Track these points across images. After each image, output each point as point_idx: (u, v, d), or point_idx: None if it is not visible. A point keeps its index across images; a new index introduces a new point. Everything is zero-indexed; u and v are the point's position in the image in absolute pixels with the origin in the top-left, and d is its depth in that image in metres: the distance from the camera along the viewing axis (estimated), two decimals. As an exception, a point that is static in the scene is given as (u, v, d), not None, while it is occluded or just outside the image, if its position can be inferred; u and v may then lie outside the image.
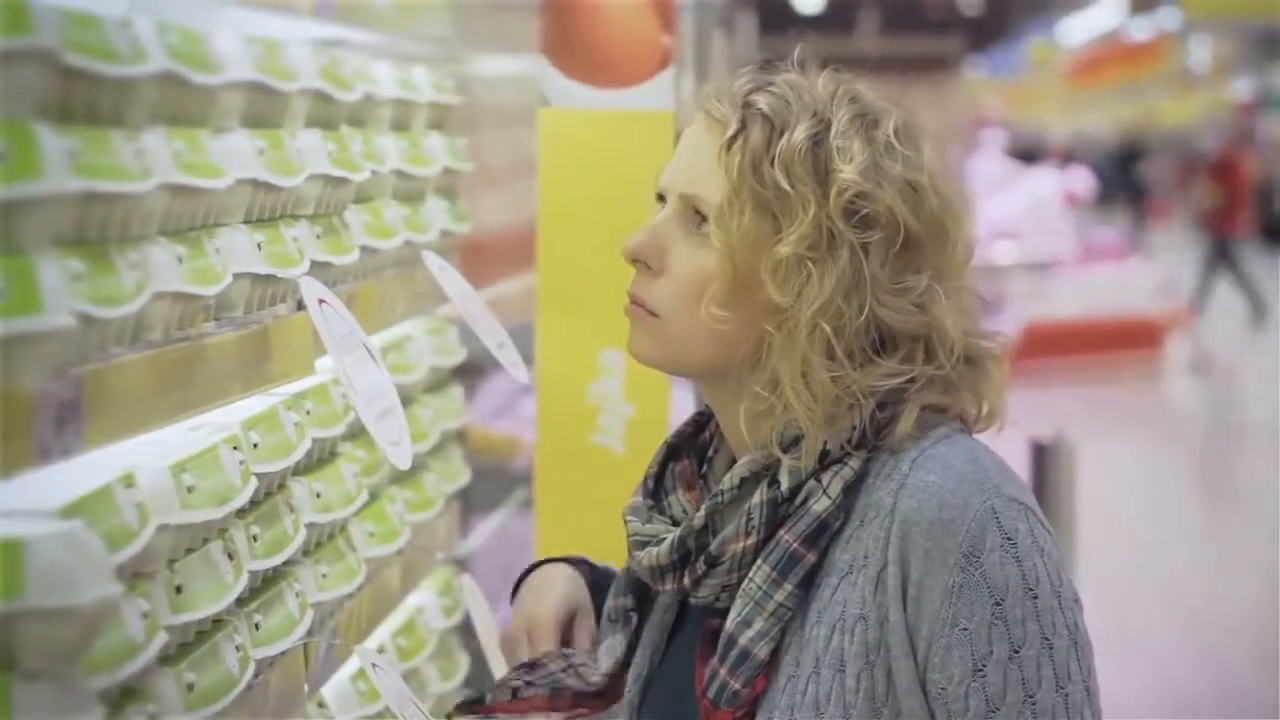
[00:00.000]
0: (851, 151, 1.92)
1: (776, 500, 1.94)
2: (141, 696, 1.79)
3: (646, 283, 1.99)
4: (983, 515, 1.88)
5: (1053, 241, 16.77)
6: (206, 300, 1.95)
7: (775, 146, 1.92)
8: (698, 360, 1.98)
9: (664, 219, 1.98)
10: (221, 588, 1.98)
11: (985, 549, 1.87)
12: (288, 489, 2.29)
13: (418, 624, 2.99)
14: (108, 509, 1.73)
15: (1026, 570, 1.88)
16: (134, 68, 1.76)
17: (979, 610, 1.87)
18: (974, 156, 19.96)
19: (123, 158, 1.73)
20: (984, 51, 31.97)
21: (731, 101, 1.96)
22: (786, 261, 1.90)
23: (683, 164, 1.99)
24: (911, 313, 1.93)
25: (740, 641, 1.93)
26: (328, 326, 1.97)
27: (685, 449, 2.10)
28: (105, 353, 1.74)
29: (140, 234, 1.82)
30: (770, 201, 1.91)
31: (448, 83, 3.15)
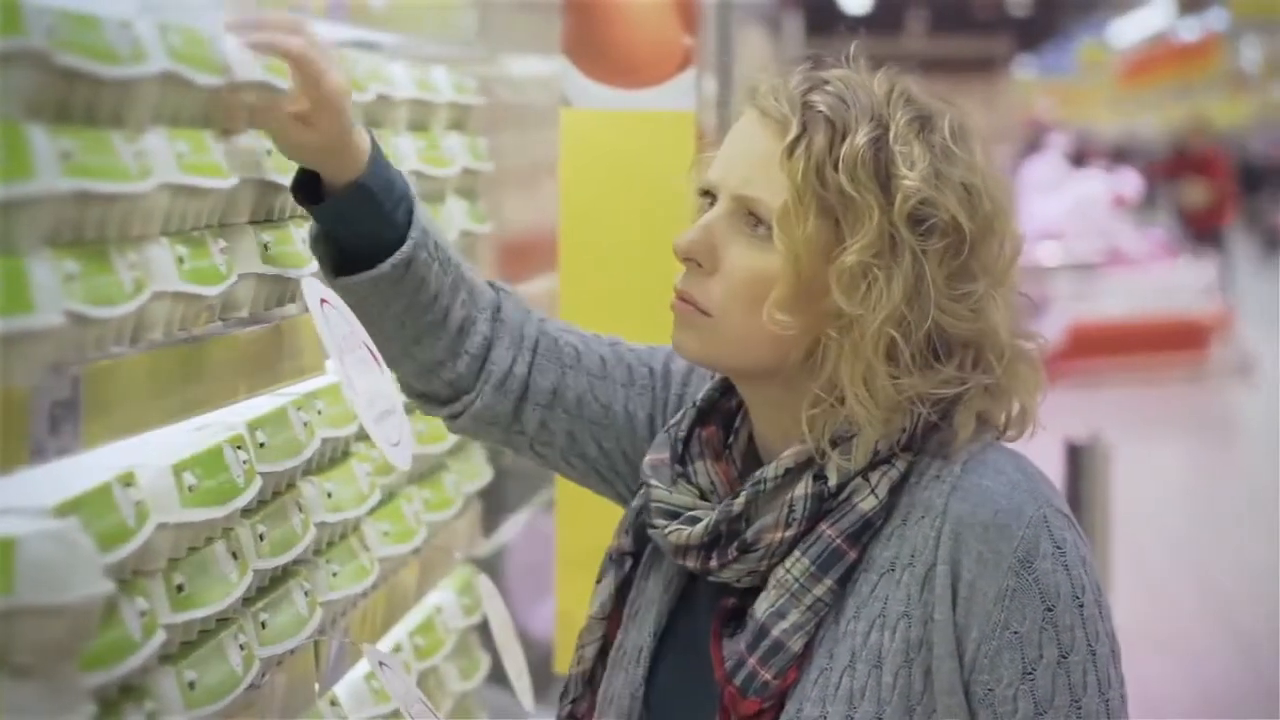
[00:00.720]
0: (913, 157, 1.92)
1: (822, 495, 1.95)
2: (140, 694, 1.80)
3: (697, 281, 1.98)
4: (1036, 523, 1.91)
5: (1098, 242, 16.72)
6: (210, 300, 1.95)
7: (838, 151, 1.91)
8: (747, 360, 1.98)
9: (716, 217, 1.97)
10: (225, 587, 1.98)
11: (1038, 556, 1.90)
12: (297, 488, 2.30)
13: (436, 623, 3.00)
14: (105, 508, 1.74)
15: (1074, 578, 1.91)
16: (133, 69, 1.77)
17: (1030, 614, 1.90)
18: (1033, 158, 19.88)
19: (121, 158, 1.74)
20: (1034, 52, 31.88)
21: (790, 101, 1.95)
22: (853, 269, 1.90)
23: (736, 162, 1.98)
24: (968, 319, 1.94)
25: (773, 633, 1.94)
26: (328, 327, 1.97)
27: (712, 414, 2.10)
28: (104, 352, 1.75)
29: (141, 234, 1.83)
30: (834, 207, 1.91)
31: (469, 83, 3.16)
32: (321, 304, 1.98)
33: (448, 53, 3.27)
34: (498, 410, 2.18)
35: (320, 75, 2.05)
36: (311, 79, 2.05)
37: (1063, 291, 16.30)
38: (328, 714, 2.47)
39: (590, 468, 2.22)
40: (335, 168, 2.09)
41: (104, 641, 1.70)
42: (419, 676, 2.87)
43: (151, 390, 1.87)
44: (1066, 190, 17.59)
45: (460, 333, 2.16)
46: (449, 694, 3.04)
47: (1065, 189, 17.70)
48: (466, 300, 2.17)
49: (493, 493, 3.45)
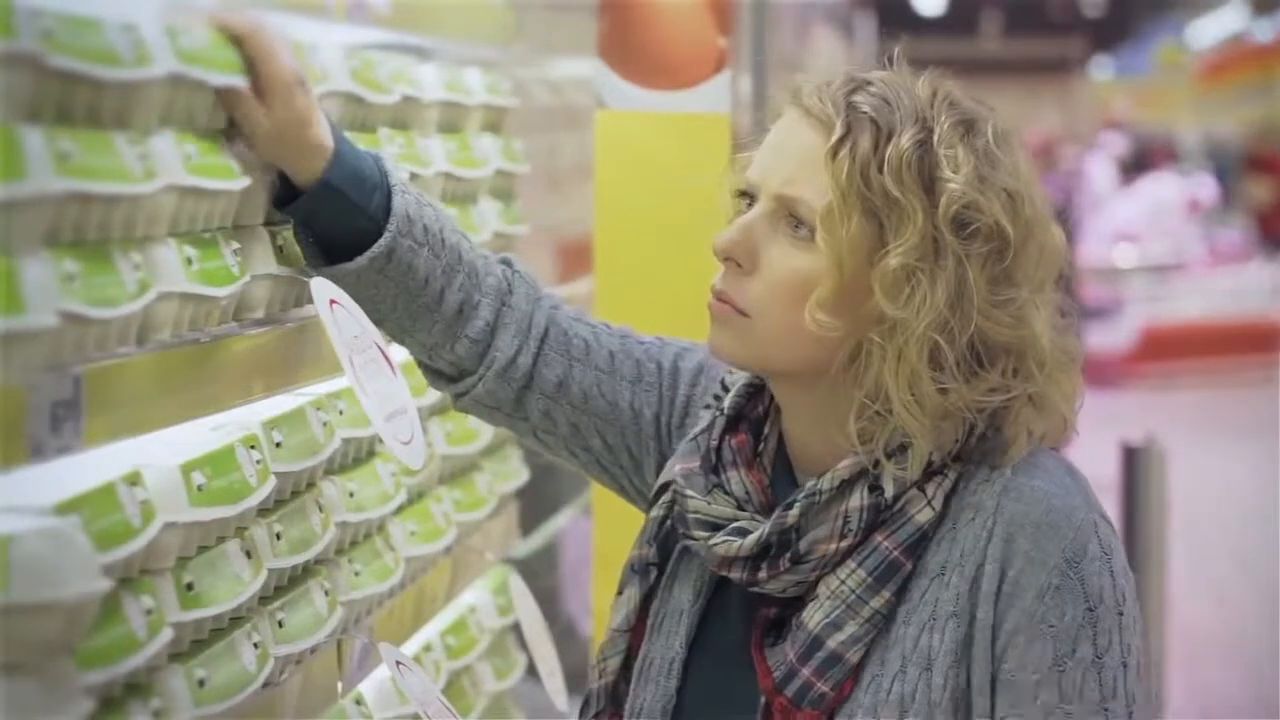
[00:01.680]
0: (957, 160, 1.91)
1: (879, 506, 1.94)
2: (146, 692, 1.81)
3: (736, 281, 1.97)
4: (1087, 525, 1.92)
5: (1173, 245, 16.64)
6: (221, 301, 1.97)
7: (883, 152, 1.91)
8: (785, 361, 1.98)
9: (756, 218, 1.97)
10: (237, 585, 2.00)
11: (1086, 558, 1.91)
12: (318, 488, 2.31)
13: (469, 623, 3.01)
14: (108, 506, 1.75)
15: (1118, 586, 1.92)
16: (136, 71, 1.78)
17: (1071, 611, 1.90)
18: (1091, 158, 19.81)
19: (124, 160, 1.75)
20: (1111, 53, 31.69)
21: (834, 102, 1.95)
22: (896, 271, 1.89)
23: (777, 163, 1.98)
24: (1010, 325, 1.93)
25: (829, 645, 1.93)
26: (337, 328, 1.98)
27: (740, 422, 2.09)
28: (108, 352, 1.76)
29: (147, 235, 1.84)
30: (879, 209, 1.91)
31: (504, 85, 3.16)
32: (331, 305, 1.99)
33: (486, 55, 3.28)
34: (500, 396, 2.19)
35: (268, 55, 2.03)
36: (259, 57, 2.03)
37: (1136, 294, 16.23)
38: (353, 713, 2.48)
39: (593, 459, 2.23)
40: (296, 164, 2.09)
41: (105, 639, 1.71)
42: (450, 676, 2.88)
43: (159, 390, 1.88)
44: (1141, 192, 17.51)
45: (459, 315, 2.17)
46: (484, 694, 3.05)
47: (1140, 190, 17.61)
48: (465, 283, 2.17)
49: (534, 493, 3.45)
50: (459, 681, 2.97)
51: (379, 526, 2.53)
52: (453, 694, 2.92)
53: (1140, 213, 17.02)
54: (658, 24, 3.27)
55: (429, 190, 2.78)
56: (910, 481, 1.94)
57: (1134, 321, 15.78)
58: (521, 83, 3.76)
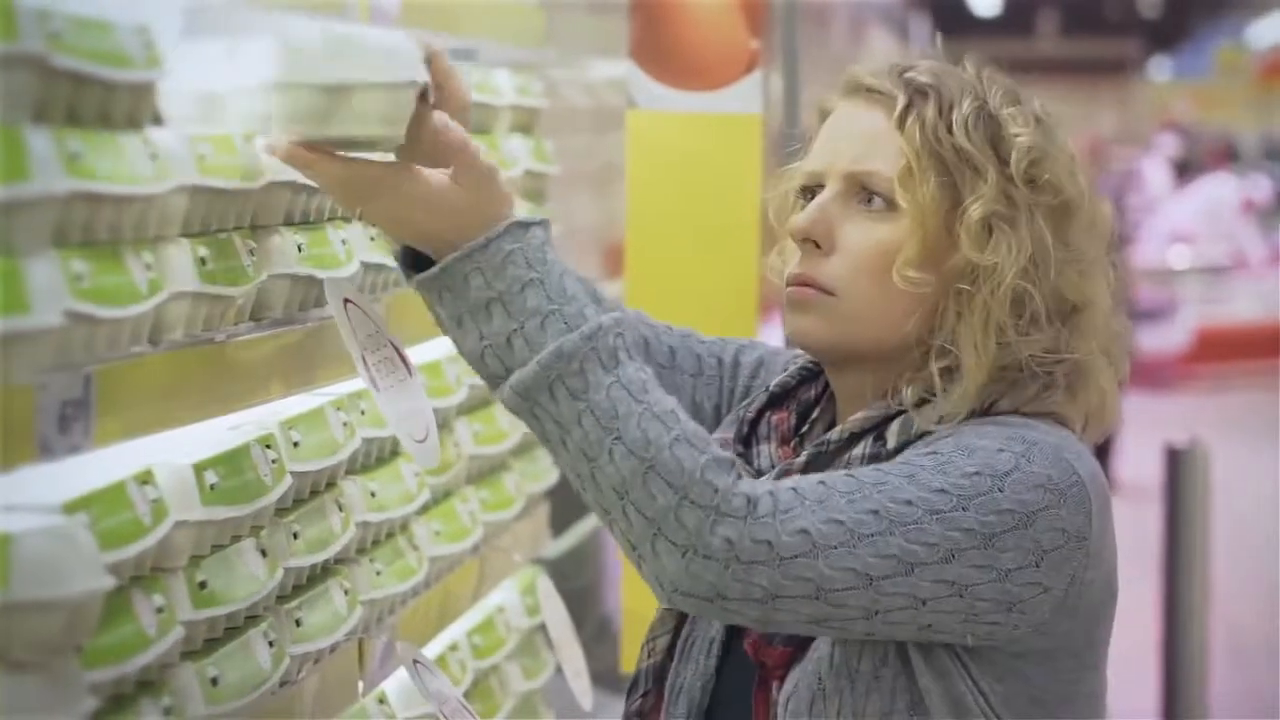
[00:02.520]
0: (1019, 119, 1.97)
1: (880, 455, 1.95)
2: (158, 690, 1.82)
3: (815, 262, 1.99)
4: (1018, 437, 1.90)
5: (1228, 246, 16.56)
6: (236, 301, 1.98)
7: (948, 117, 1.96)
8: (869, 337, 1.99)
9: (829, 198, 1.99)
10: (252, 584, 2.01)
11: (988, 435, 1.89)
12: (338, 487, 2.32)
13: (496, 623, 3.01)
14: (118, 505, 1.76)
15: (1017, 480, 1.86)
16: (147, 73, 1.79)
17: (943, 444, 1.89)
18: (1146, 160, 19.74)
19: (135, 160, 1.77)
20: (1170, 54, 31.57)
21: (890, 80, 2.00)
22: (980, 222, 1.93)
23: (843, 145, 2.01)
24: (1077, 281, 1.97)
25: None
26: (351, 326, 1.99)
27: (786, 400, 2.11)
28: (119, 352, 1.77)
29: (159, 235, 1.85)
30: (952, 168, 1.95)
31: (534, 86, 3.17)
32: (345, 304, 2.00)
33: (519, 57, 3.29)
34: None
35: (450, 74, 1.98)
36: (444, 73, 1.97)
37: (1191, 295, 16.16)
38: (375, 712, 2.48)
39: None
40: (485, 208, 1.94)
41: (114, 637, 1.72)
42: (477, 675, 2.89)
43: (172, 390, 1.90)
44: (1197, 192, 17.43)
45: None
46: (512, 694, 3.05)
47: (1195, 190, 17.53)
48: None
49: (566, 494, 3.45)
50: (486, 681, 2.97)
51: (402, 526, 2.53)
52: (480, 694, 2.93)
53: (1195, 213, 16.93)
54: (689, 24, 3.27)
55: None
56: (915, 434, 1.95)
57: (1188, 323, 15.71)
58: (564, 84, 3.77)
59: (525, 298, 1.80)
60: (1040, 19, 24.25)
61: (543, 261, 1.82)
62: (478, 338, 1.83)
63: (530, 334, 1.79)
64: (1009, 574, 1.85)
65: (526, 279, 1.81)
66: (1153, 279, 16.11)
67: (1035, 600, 1.88)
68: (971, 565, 1.84)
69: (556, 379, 1.79)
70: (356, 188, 1.89)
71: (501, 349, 1.81)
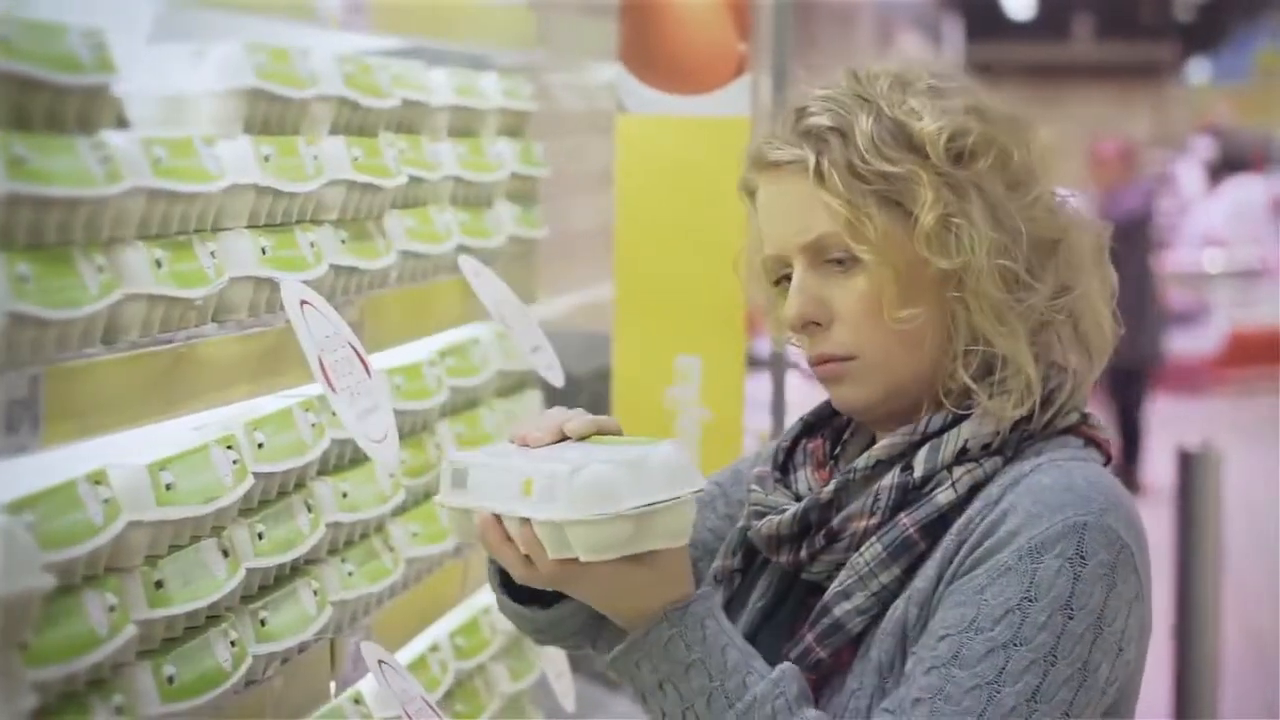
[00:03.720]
0: (914, 109, 1.96)
1: (907, 485, 1.96)
2: (109, 688, 1.83)
3: (822, 339, 1.99)
4: (1069, 525, 1.88)
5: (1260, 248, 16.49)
6: (194, 303, 1.99)
7: (855, 146, 1.95)
8: (907, 375, 1.99)
9: (803, 277, 1.99)
10: (210, 584, 2.02)
11: (1051, 552, 1.87)
12: (308, 488, 2.33)
13: (481, 624, 3.02)
14: (68, 505, 1.77)
15: (1080, 591, 1.86)
16: (98, 76, 1.81)
17: (1008, 593, 1.87)
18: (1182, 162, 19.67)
19: (86, 163, 1.78)
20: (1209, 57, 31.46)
21: (790, 141, 1.99)
22: (934, 229, 1.93)
23: (784, 223, 2.00)
24: (1048, 217, 1.99)
25: (834, 612, 1.96)
26: (308, 328, 2.00)
27: (821, 428, 2.13)
28: (69, 353, 1.79)
29: (114, 237, 1.87)
30: (888, 192, 1.95)
31: (523, 89, 3.19)
32: (302, 305, 2.01)
33: (512, 60, 3.30)
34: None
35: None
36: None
37: (1223, 299, 16.10)
38: (351, 712, 2.49)
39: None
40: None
41: (62, 635, 1.74)
42: (459, 676, 2.90)
43: (128, 391, 1.91)
44: (1224, 194, 17.37)
45: None
46: (498, 695, 3.06)
47: (1223, 193, 17.47)
48: None
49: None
50: (471, 682, 2.98)
51: (377, 527, 2.54)
52: (464, 694, 2.94)
53: (1224, 215, 16.87)
54: (677, 28, 3.27)
55: (437, 194, 2.81)
56: (941, 464, 1.96)
57: (1220, 327, 15.65)
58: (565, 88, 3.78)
59: (690, 678, 1.90)
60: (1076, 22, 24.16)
61: (701, 641, 1.91)
62: (660, 714, 1.93)
63: (700, 712, 1.90)
64: (1106, 680, 1.89)
65: (689, 661, 1.91)
66: (1185, 282, 16.05)
67: (1124, 672, 1.92)
68: (1083, 700, 1.87)
69: None
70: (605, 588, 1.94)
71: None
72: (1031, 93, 25.16)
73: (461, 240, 2.84)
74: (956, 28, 20.38)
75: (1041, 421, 1.98)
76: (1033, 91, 25.04)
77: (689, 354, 3.25)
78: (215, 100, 2.14)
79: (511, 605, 2.09)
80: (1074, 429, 2.01)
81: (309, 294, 2.06)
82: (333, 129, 2.42)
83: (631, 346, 3.30)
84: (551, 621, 2.08)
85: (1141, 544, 1.93)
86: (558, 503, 1.82)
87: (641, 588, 1.91)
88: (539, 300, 3.34)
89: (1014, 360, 1.96)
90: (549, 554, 1.86)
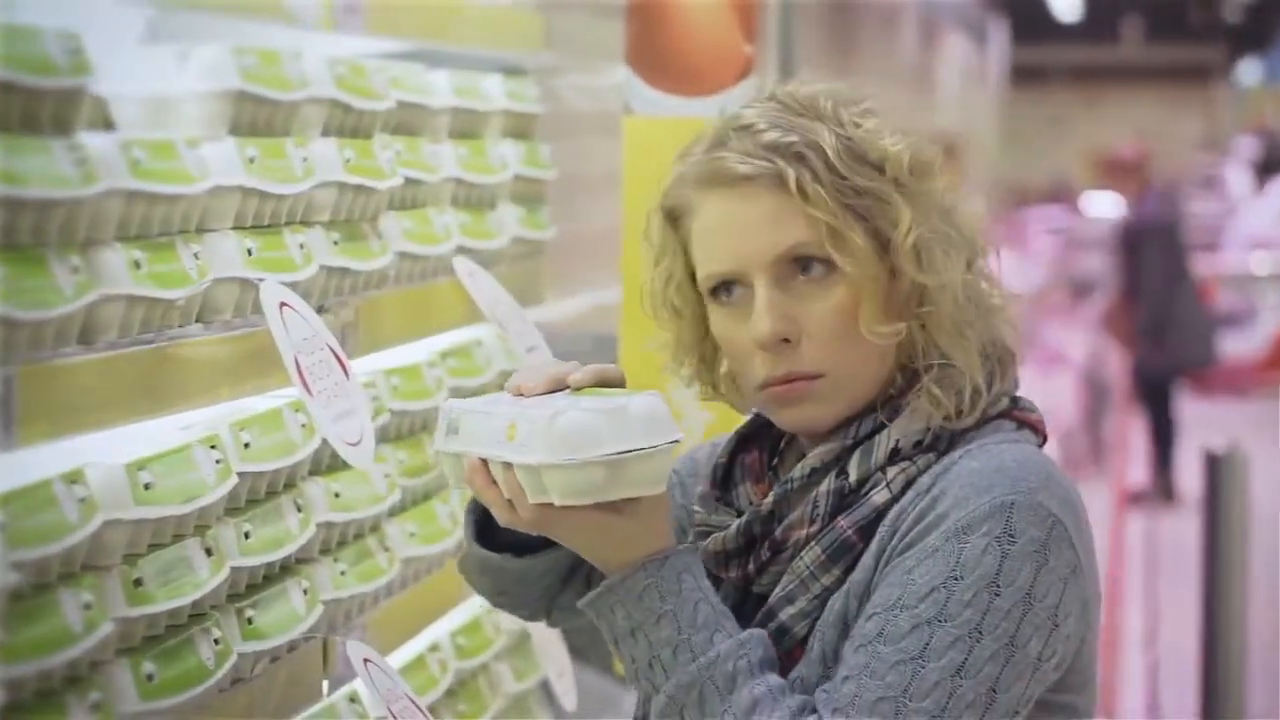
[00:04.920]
0: (870, 128, 2.00)
1: (843, 490, 1.99)
2: (85, 685, 1.85)
3: (791, 356, 1.99)
4: (996, 505, 1.90)
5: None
6: (176, 303, 2.01)
7: (830, 160, 1.96)
8: (866, 392, 2.01)
9: (769, 293, 1.98)
10: (192, 583, 2.04)
11: (978, 532, 1.89)
12: (298, 488, 2.35)
13: (484, 623, 3.03)
14: (42, 503, 1.79)
15: (1007, 568, 1.88)
16: (73, 79, 1.82)
17: (934, 572, 1.89)
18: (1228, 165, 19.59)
19: (59, 165, 1.80)
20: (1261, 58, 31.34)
21: (756, 155, 1.98)
22: (918, 244, 1.97)
23: (750, 237, 1.98)
24: (973, 221, 2.04)
25: (780, 616, 1.99)
26: (286, 330, 2.02)
27: (755, 440, 2.14)
28: (44, 353, 1.81)
29: (90, 238, 1.88)
30: (863, 209, 1.97)
31: (528, 91, 3.20)
32: (281, 307, 2.03)
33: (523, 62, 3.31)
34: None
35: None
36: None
37: (1271, 301, 16.01)
38: (346, 712, 2.51)
39: None
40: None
41: (35, 633, 1.76)
42: (460, 675, 2.91)
43: (108, 391, 1.93)
44: (1271, 195, 17.28)
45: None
46: (502, 694, 3.08)
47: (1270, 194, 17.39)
48: None
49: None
50: (474, 681, 3.00)
51: (372, 527, 2.56)
52: (466, 694, 2.96)
53: (1272, 217, 16.78)
54: (683, 30, 3.27)
55: (438, 195, 2.83)
56: (875, 466, 1.98)
57: (1267, 328, 15.57)
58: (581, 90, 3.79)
59: (660, 628, 1.93)
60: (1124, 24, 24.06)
61: (676, 593, 1.94)
62: (630, 660, 1.96)
63: (666, 662, 1.93)
64: (1040, 656, 1.90)
65: (661, 611, 1.94)
66: (1232, 284, 15.98)
67: (1064, 647, 1.93)
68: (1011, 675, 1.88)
69: (684, 705, 1.92)
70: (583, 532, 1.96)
71: (646, 671, 1.95)
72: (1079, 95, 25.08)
73: (462, 241, 2.86)
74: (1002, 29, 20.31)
75: (975, 412, 1.99)
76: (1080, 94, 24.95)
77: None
78: (200, 102, 2.15)
79: (480, 553, 2.12)
80: (1005, 414, 2.03)
81: (288, 295, 2.07)
82: (325, 131, 2.43)
83: (637, 348, 3.30)
84: (520, 574, 2.12)
85: (1078, 519, 1.94)
86: (535, 447, 1.86)
87: (622, 537, 1.94)
88: (548, 301, 3.36)
89: (968, 371, 1.99)
90: (529, 498, 1.89)
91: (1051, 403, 9.01)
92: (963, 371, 1.99)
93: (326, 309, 2.42)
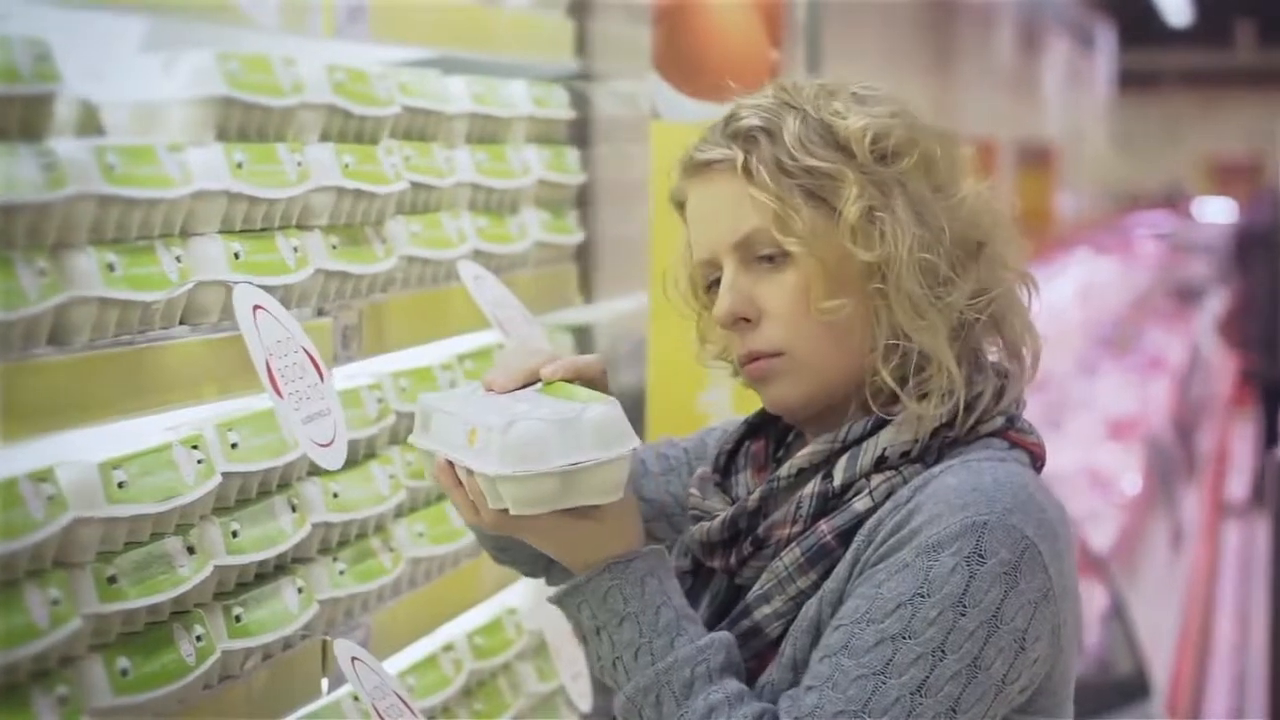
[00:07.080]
0: (841, 111, 2.02)
1: (827, 493, 2.01)
2: (52, 679, 1.88)
3: (753, 336, 2.04)
4: (968, 524, 1.90)
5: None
6: (151, 306, 2.04)
7: (783, 144, 2.01)
8: (835, 373, 2.03)
9: (733, 276, 2.04)
10: (170, 580, 2.07)
11: (947, 550, 1.90)
12: (293, 488, 2.38)
13: (505, 624, 3.06)
14: (7, 501, 1.82)
15: (974, 588, 1.89)
16: (40, 86, 1.86)
17: (902, 588, 1.90)
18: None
19: (25, 170, 1.83)
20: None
21: (718, 143, 2.06)
22: (858, 222, 1.98)
23: (714, 223, 2.06)
24: (971, 218, 2.03)
25: (755, 615, 2.02)
26: (258, 333, 2.05)
27: (764, 430, 2.17)
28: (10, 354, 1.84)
29: (61, 241, 1.92)
30: (814, 188, 2.00)
31: (556, 97, 3.22)
32: (255, 310, 2.06)
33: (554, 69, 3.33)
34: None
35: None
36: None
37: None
38: (350, 710, 2.54)
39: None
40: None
41: (0, 627, 1.79)
42: (476, 675, 2.93)
43: (84, 391, 1.96)
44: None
45: None
46: (525, 694, 3.10)
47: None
48: None
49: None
50: (494, 681, 3.02)
51: (377, 527, 2.59)
52: (484, 693, 2.98)
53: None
54: (710, 35, 3.29)
55: (455, 200, 2.85)
56: (860, 472, 1.99)
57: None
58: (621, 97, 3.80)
59: (623, 630, 1.96)
60: (1237, 28, 23.78)
61: (639, 596, 1.97)
62: (596, 657, 2.01)
63: (627, 664, 1.96)
64: (1004, 679, 1.90)
65: (624, 613, 1.97)
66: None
67: (1031, 671, 1.93)
68: (972, 696, 1.89)
69: (641, 708, 1.96)
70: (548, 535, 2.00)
71: (610, 670, 1.99)
72: (1192, 100, 24.83)
73: (480, 245, 2.88)
74: (1109, 34, 20.12)
75: (965, 426, 2.00)
76: (1192, 99, 24.70)
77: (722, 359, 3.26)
78: (185, 108, 2.19)
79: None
80: (999, 433, 2.02)
81: (263, 298, 2.10)
82: (324, 136, 2.46)
83: (665, 351, 3.32)
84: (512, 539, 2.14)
85: (1055, 543, 1.94)
86: (490, 457, 1.89)
87: (586, 539, 1.98)
88: (576, 304, 3.37)
89: (935, 356, 1.99)
90: (489, 504, 1.93)
91: (1147, 409, 8.95)
92: (937, 362, 1.99)
93: (325, 312, 2.45)
